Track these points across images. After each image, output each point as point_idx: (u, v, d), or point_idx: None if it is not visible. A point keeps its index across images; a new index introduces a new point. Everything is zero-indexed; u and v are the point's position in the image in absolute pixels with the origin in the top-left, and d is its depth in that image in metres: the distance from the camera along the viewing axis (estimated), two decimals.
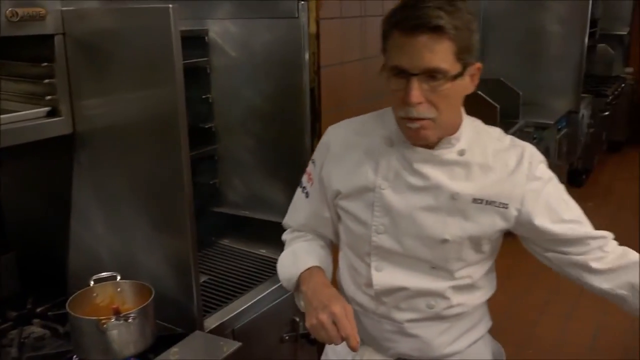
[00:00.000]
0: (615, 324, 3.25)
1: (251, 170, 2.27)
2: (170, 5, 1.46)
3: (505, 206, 1.33)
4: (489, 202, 1.32)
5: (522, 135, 4.60)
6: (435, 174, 1.32)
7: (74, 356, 1.55)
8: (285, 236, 1.58)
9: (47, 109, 1.68)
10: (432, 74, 1.19)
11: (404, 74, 1.21)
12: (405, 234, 1.35)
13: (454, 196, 1.31)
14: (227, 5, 2.15)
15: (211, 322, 1.76)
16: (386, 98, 1.34)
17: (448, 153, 1.31)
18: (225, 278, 2.05)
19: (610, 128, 6.52)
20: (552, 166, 1.44)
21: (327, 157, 1.44)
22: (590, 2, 4.93)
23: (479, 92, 4.24)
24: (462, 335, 1.47)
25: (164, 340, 1.59)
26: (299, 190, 1.54)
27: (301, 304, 1.40)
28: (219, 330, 1.74)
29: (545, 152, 4.72)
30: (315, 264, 1.41)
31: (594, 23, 5.39)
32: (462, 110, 1.34)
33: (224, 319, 1.78)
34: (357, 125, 1.46)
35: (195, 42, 2.18)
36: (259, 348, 1.88)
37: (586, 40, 5.04)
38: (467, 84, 1.26)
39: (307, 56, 2.01)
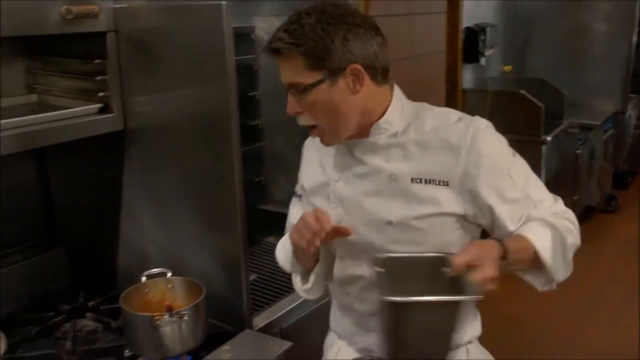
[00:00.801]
0: None
1: (297, 169, 2.25)
2: (223, 2, 1.46)
3: (446, 184, 1.30)
4: (429, 181, 1.31)
5: (566, 136, 4.50)
6: (374, 159, 1.36)
7: (126, 351, 1.56)
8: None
9: (99, 105, 1.69)
10: (293, 88, 1.29)
11: None
12: (356, 221, 1.38)
13: (392, 177, 1.33)
14: (274, 3, 2.15)
15: (259, 320, 1.75)
16: (434, 97, 1.34)
17: (382, 138, 1.35)
18: (272, 276, 2.04)
19: None
20: (598, 168, 1.39)
21: (302, 161, 1.57)
22: (639, 0, 4.80)
23: (523, 92, 4.17)
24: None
25: (214, 338, 1.59)
26: (293, 197, 1.60)
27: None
28: (267, 329, 1.73)
29: (591, 154, 4.63)
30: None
31: None
32: (396, 94, 1.36)
33: (272, 318, 1.77)
34: None
35: (241, 39, 2.18)
36: (306, 347, 1.86)
37: (634, 38, 4.91)
38: (342, 88, 1.27)
39: None
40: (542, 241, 1.28)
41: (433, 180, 1.30)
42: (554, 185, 4.57)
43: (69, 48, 1.73)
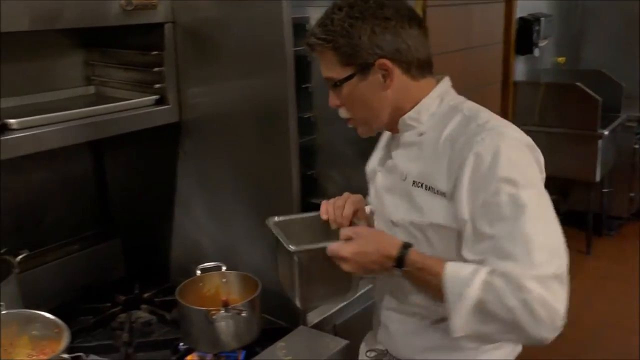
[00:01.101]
0: None
1: (349, 162, 2.21)
2: (284, 1, 1.44)
3: (443, 195, 1.21)
4: (428, 187, 1.23)
5: (623, 130, 4.34)
6: (397, 155, 1.33)
7: (181, 344, 1.55)
8: None
9: (155, 97, 1.69)
10: (329, 82, 1.29)
11: None
12: (378, 216, 1.39)
13: (401, 176, 1.30)
14: None
15: (313, 317, 1.72)
16: (490, 89, 1.29)
17: (409, 136, 1.30)
18: None
19: None
20: None
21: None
22: None
23: (579, 84, 4.03)
24: (439, 348, 1.31)
25: (268, 334, 1.57)
26: None
27: None
28: (320, 326, 1.70)
29: None
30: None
31: None
32: (438, 89, 1.29)
33: (326, 315, 1.74)
34: None
35: (296, 29, 2.14)
36: (359, 345, 1.83)
37: None
38: (373, 83, 1.25)
39: None
40: (457, 281, 1.11)
41: (432, 188, 1.23)
42: (610, 181, 4.43)
43: (126, 40, 1.73)
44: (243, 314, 1.44)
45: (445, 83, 1.32)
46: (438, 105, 1.28)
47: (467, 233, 1.16)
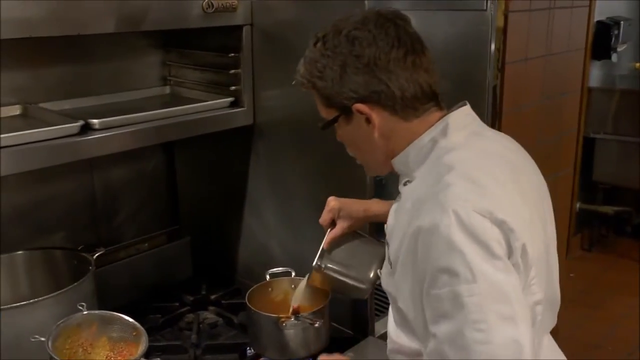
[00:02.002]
0: None
1: None
2: (366, 1, 1.41)
3: (391, 266, 1.07)
4: (389, 256, 1.09)
5: None
6: (393, 205, 1.18)
7: (249, 349, 1.55)
8: None
9: (230, 99, 1.69)
10: (319, 123, 1.17)
11: None
12: None
13: (386, 229, 1.17)
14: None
15: (380, 326, 1.69)
16: (569, 97, 1.20)
17: (400, 183, 1.16)
18: None
19: None
20: None
21: None
22: None
23: None
24: None
25: (336, 343, 1.55)
26: None
27: None
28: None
29: None
30: None
31: None
32: (438, 126, 1.08)
33: None
34: None
35: None
36: None
37: None
38: (358, 125, 1.09)
39: (492, 51, 1.88)
40: None
41: (389, 259, 1.09)
42: None
43: (203, 41, 1.74)
44: (317, 325, 1.42)
45: (449, 120, 1.09)
46: (429, 150, 1.08)
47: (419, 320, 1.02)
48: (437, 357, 0.97)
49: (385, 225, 1.18)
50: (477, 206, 0.94)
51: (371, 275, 1.39)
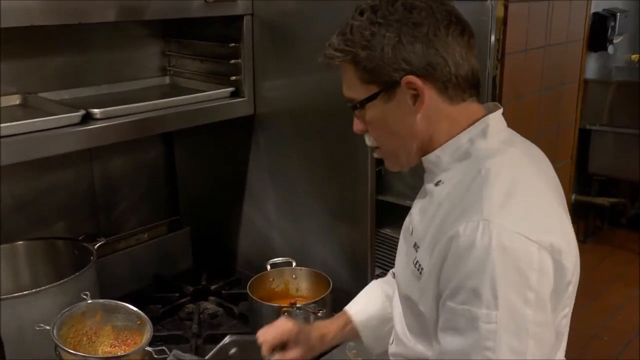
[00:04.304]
0: None
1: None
2: None
3: (420, 271, 1.01)
4: (416, 262, 1.03)
5: None
6: (417, 202, 1.12)
7: None
8: None
9: (230, 89, 1.69)
10: (349, 103, 1.06)
11: None
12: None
13: (408, 231, 1.12)
14: None
15: None
16: (567, 88, 1.19)
17: (428, 180, 1.08)
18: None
19: None
20: None
21: None
22: None
23: None
24: None
25: None
26: None
27: None
28: None
29: None
30: (351, 310, 1.34)
31: None
32: (483, 122, 1.02)
33: None
34: None
35: None
36: None
37: None
38: (400, 105, 1.00)
39: (492, 42, 1.88)
40: None
41: (417, 264, 1.03)
42: None
43: (203, 31, 1.73)
44: (319, 314, 1.42)
45: (489, 120, 1.02)
46: (466, 150, 1.02)
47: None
48: None
49: (407, 222, 1.13)
50: (523, 227, 0.89)
51: None
